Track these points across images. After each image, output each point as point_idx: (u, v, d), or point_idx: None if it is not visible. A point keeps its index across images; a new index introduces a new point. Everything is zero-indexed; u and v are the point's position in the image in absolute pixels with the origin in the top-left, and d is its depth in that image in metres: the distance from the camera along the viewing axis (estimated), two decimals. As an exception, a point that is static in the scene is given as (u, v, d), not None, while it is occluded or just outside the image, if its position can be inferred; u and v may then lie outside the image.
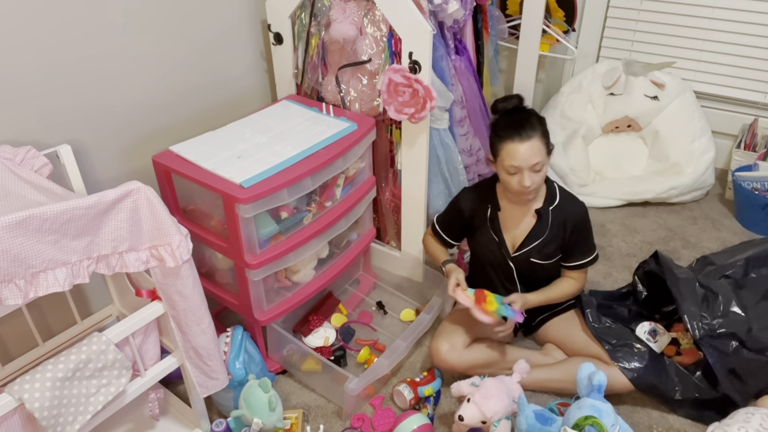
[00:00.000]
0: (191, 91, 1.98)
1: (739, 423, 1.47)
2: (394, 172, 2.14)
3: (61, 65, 1.59)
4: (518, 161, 1.60)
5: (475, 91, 2.27)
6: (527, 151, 1.59)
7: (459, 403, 1.62)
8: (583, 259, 1.78)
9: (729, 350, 1.62)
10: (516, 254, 1.77)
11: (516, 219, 1.76)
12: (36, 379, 1.19)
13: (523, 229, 1.76)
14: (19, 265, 1.07)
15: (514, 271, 1.80)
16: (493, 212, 1.77)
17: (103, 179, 1.78)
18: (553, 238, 1.74)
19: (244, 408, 1.60)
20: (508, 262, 1.79)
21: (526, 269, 1.79)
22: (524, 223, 1.76)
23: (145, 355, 1.44)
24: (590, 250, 1.79)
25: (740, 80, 2.77)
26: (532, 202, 1.74)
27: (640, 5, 2.82)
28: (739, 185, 2.53)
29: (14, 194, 1.22)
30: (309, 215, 1.78)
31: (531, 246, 1.75)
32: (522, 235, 1.76)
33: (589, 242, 1.78)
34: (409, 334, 1.82)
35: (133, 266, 1.25)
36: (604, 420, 1.37)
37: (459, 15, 2.00)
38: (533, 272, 1.79)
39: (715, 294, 1.71)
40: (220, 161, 1.65)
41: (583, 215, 1.75)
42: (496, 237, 1.78)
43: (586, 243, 1.77)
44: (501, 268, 1.82)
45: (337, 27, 1.90)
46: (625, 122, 2.78)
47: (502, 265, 1.81)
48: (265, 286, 1.75)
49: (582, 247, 1.77)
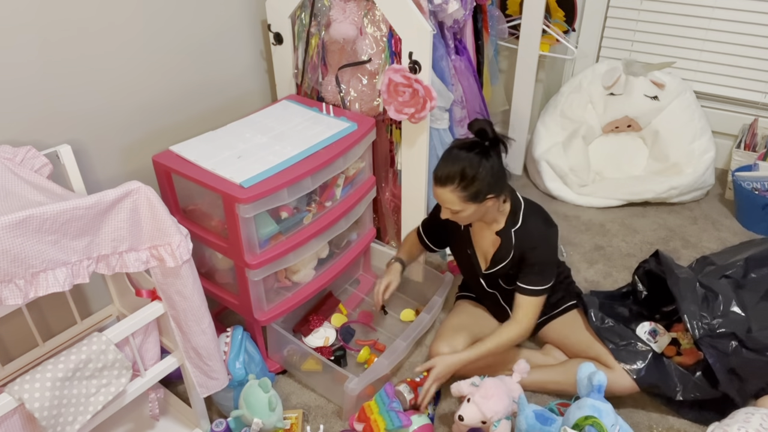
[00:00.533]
0: (191, 91, 1.98)
1: (739, 423, 1.47)
2: (394, 172, 2.14)
3: (61, 65, 1.59)
4: (435, 196, 1.59)
5: (475, 91, 2.27)
6: (440, 195, 1.56)
7: (459, 403, 1.62)
8: (531, 285, 1.64)
9: (729, 350, 1.62)
10: (487, 272, 1.75)
11: (485, 237, 1.73)
12: (36, 379, 1.19)
13: (490, 250, 1.73)
14: (19, 265, 1.07)
15: (484, 285, 1.80)
16: (466, 228, 1.76)
17: (103, 179, 1.78)
18: (516, 262, 1.67)
19: (244, 408, 1.60)
20: (479, 279, 1.79)
21: (498, 286, 1.78)
22: (491, 244, 1.72)
23: (145, 355, 1.44)
24: (541, 280, 1.64)
25: (740, 80, 2.77)
26: (492, 224, 1.69)
27: (640, 5, 2.82)
28: (739, 185, 2.53)
29: (14, 194, 1.22)
30: (309, 215, 1.78)
31: (497, 268, 1.71)
32: (490, 255, 1.73)
33: (542, 271, 1.64)
34: (409, 334, 1.82)
35: (133, 266, 1.25)
36: (604, 420, 1.37)
37: (459, 15, 2.00)
38: (505, 289, 1.77)
39: (715, 294, 1.70)
40: (220, 161, 1.65)
41: (543, 237, 1.64)
42: (469, 251, 1.77)
43: (538, 268, 1.64)
44: (477, 281, 1.82)
45: (337, 27, 1.90)
46: (625, 122, 2.78)
47: (476, 279, 1.81)
48: (265, 286, 1.75)
49: (533, 272, 1.64)
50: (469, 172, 1.51)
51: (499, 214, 1.67)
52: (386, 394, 1.63)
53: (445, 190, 1.54)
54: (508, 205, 1.67)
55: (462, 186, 1.52)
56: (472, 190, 1.52)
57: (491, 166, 1.52)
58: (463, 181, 1.51)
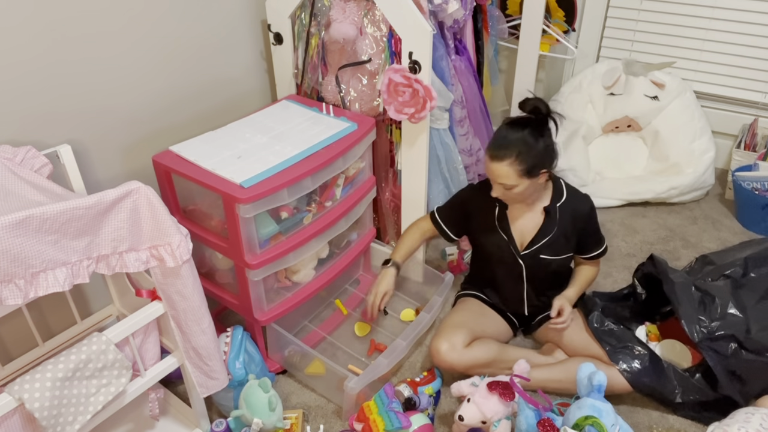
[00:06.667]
0: (191, 91, 1.98)
1: (739, 423, 1.47)
2: (394, 172, 2.14)
3: (61, 65, 1.58)
4: (488, 173, 1.66)
5: (475, 91, 2.27)
6: (495, 170, 1.62)
7: (459, 403, 1.62)
8: (598, 249, 1.84)
9: (728, 352, 1.62)
10: (525, 252, 1.78)
11: (525, 217, 1.77)
12: (36, 379, 1.19)
13: (532, 228, 1.77)
14: (19, 265, 1.07)
15: (523, 268, 1.81)
16: (501, 211, 1.78)
17: (103, 179, 1.78)
18: (562, 234, 1.76)
19: (244, 408, 1.60)
20: (518, 260, 1.79)
21: (535, 266, 1.80)
22: (532, 222, 1.77)
23: (145, 355, 1.44)
24: (602, 240, 1.85)
25: (740, 80, 2.77)
26: (538, 201, 1.75)
27: (640, 5, 2.82)
28: (739, 185, 2.54)
29: (14, 194, 1.22)
30: (309, 215, 1.78)
31: (541, 243, 1.76)
32: (531, 233, 1.77)
33: (599, 233, 1.84)
34: (409, 334, 1.82)
35: (133, 266, 1.25)
36: (604, 420, 1.37)
37: (459, 15, 2.00)
38: (542, 269, 1.80)
39: (711, 297, 1.71)
40: (220, 161, 1.65)
41: (591, 209, 1.79)
42: (504, 235, 1.78)
43: (597, 235, 1.83)
44: (509, 267, 1.82)
45: (337, 27, 1.90)
46: (625, 122, 2.78)
47: (511, 263, 1.81)
48: (265, 286, 1.75)
49: (595, 239, 1.83)
50: (526, 147, 1.59)
51: (544, 191, 1.75)
52: (386, 395, 1.63)
53: (501, 164, 1.60)
54: (550, 183, 1.76)
55: (519, 160, 1.59)
56: (529, 164, 1.59)
57: (545, 142, 1.62)
58: (521, 155, 1.59)
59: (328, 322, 2.08)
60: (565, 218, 1.75)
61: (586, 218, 1.78)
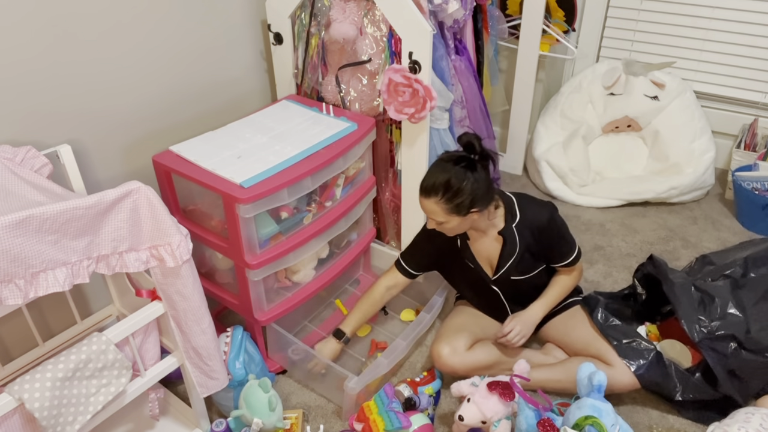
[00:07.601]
0: (191, 90, 1.98)
1: (739, 423, 1.47)
2: (394, 172, 2.14)
3: (61, 65, 1.59)
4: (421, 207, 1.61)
5: (475, 91, 2.27)
6: (424, 206, 1.58)
7: (459, 403, 1.62)
8: (569, 257, 1.73)
9: (728, 352, 1.62)
10: (496, 277, 1.75)
11: (485, 244, 1.73)
12: (36, 379, 1.19)
13: (494, 253, 1.73)
14: (19, 265, 1.07)
15: (499, 293, 1.80)
16: (463, 242, 1.75)
17: (103, 179, 1.78)
18: (526, 252, 1.70)
19: (244, 408, 1.60)
20: (491, 286, 1.79)
21: (510, 288, 1.78)
22: (492, 247, 1.73)
23: (145, 355, 1.44)
24: (571, 246, 1.74)
25: (740, 80, 2.76)
26: (492, 227, 1.70)
27: (640, 5, 2.82)
28: (739, 185, 2.53)
29: (14, 194, 1.22)
30: (309, 215, 1.78)
31: (507, 266, 1.72)
32: (495, 259, 1.74)
33: (565, 240, 1.73)
34: (409, 334, 1.82)
35: (133, 266, 1.25)
36: (604, 420, 1.37)
37: (459, 15, 2.00)
38: (517, 288, 1.78)
39: (711, 297, 1.71)
40: (220, 161, 1.65)
41: (549, 220, 1.67)
42: (471, 264, 1.76)
43: (562, 242, 1.72)
44: (485, 292, 1.81)
45: (337, 27, 1.90)
46: (625, 122, 2.78)
47: (486, 289, 1.80)
48: (265, 286, 1.75)
49: (561, 249, 1.73)
50: (454, 185, 1.52)
51: (492, 220, 1.68)
52: (386, 394, 1.63)
53: (429, 201, 1.56)
54: (501, 209, 1.69)
55: (446, 198, 1.53)
56: (456, 203, 1.54)
57: (476, 180, 1.53)
58: (447, 193, 1.53)
59: (328, 322, 2.08)
60: (525, 236, 1.68)
61: (546, 230, 1.68)
